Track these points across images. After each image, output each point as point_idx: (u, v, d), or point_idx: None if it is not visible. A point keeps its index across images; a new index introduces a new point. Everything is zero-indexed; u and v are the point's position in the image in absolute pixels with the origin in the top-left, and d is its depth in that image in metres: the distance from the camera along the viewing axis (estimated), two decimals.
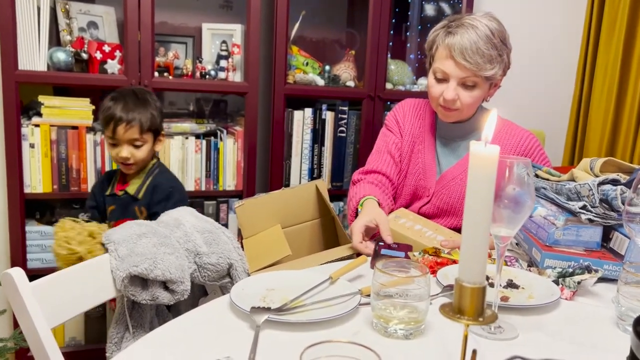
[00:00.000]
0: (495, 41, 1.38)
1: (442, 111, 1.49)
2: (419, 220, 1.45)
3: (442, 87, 1.44)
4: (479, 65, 1.37)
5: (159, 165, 1.75)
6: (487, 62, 1.38)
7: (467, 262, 0.56)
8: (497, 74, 1.42)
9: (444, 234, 1.39)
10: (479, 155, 0.55)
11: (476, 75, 1.39)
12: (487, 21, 1.39)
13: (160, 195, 1.68)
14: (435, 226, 1.43)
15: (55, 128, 1.97)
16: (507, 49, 1.44)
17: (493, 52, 1.38)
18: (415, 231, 1.39)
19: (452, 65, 1.40)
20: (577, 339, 0.91)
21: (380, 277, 0.87)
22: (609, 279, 1.13)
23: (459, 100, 1.43)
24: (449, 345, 0.86)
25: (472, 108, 1.48)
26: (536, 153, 1.52)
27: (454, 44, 1.38)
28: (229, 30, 2.25)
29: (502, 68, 1.44)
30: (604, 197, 1.14)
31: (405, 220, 1.44)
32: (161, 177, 1.72)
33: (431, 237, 1.37)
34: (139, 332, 1.26)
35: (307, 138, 2.32)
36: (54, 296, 1.02)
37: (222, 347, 0.83)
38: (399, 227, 1.39)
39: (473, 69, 1.38)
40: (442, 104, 1.46)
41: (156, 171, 1.72)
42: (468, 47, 1.36)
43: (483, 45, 1.36)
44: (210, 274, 1.24)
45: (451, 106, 1.45)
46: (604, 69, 2.55)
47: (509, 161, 0.85)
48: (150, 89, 2.00)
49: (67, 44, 2.01)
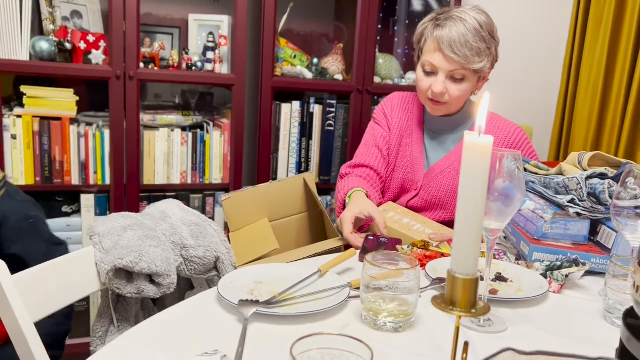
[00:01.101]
0: (483, 34, 1.38)
1: (430, 105, 1.49)
2: (407, 214, 1.45)
3: (430, 81, 1.43)
4: (467, 58, 1.37)
5: (5, 185, 1.30)
6: (475, 55, 1.38)
7: (460, 253, 0.56)
8: (486, 67, 1.42)
9: (432, 227, 1.39)
10: (473, 145, 0.54)
11: (464, 69, 1.39)
12: (475, 14, 1.39)
13: (12, 232, 1.24)
14: (423, 220, 1.43)
15: (37, 119, 1.93)
16: (495, 42, 1.44)
17: (481, 45, 1.38)
18: (403, 224, 1.38)
19: (441, 58, 1.39)
20: (565, 331, 0.91)
21: (370, 270, 0.87)
22: (597, 272, 1.13)
23: (447, 93, 1.43)
24: (438, 337, 0.86)
25: (460, 101, 1.48)
26: (524, 147, 1.52)
27: (442, 36, 1.37)
28: (216, 21, 2.22)
29: (491, 61, 1.44)
30: (591, 191, 1.14)
31: (394, 213, 1.43)
32: (9, 203, 1.28)
33: (420, 231, 1.36)
34: (124, 325, 1.24)
35: (294, 131, 2.30)
36: (36, 289, 1.00)
37: (209, 341, 0.81)
38: (387, 221, 1.38)
39: (462, 62, 1.37)
40: (430, 97, 1.45)
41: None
42: (457, 40, 1.36)
43: (472, 38, 1.36)
44: (196, 267, 1.23)
45: (440, 99, 1.44)
46: (589, 65, 2.57)
47: (499, 154, 0.84)
48: (135, 80, 1.97)
49: (50, 34, 1.97)
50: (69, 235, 2.04)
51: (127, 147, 2.02)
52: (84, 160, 2.00)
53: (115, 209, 2.03)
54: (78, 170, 2.00)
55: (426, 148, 1.58)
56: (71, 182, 1.99)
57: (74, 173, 2.00)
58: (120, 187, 2.03)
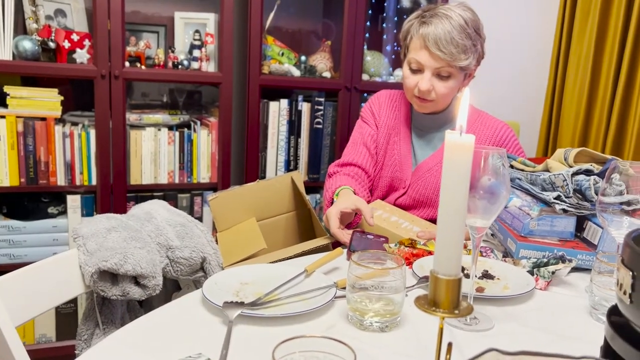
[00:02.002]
0: (469, 31, 1.38)
1: (417, 102, 1.49)
2: (395, 212, 1.44)
3: (416, 78, 1.43)
4: (453, 55, 1.37)
5: None
6: (461, 52, 1.37)
7: (442, 253, 0.55)
8: (472, 64, 1.42)
9: (420, 225, 1.39)
10: (455, 145, 0.54)
11: (450, 66, 1.39)
12: (461, 11, 1.39)
13: None
14: (411, 217, 1.43)
15: (22, 119, 1.90)
16: (481, 39, 1.44)
17: (467, 42, 1.38)
18: (391, 222, 1.38)
19: (427, 56, 1.39)
20: (552, 328, 0.91)
21: (356, 270, 0.86)
22: (583, 269, 1.14)
23: (433, 90, 1.43)
24: (424, 337, 0.86)
25: (447, 98, 1.48)
26: (511, 144, 1.52)
27: (428, 34, 1.37)
28: (202, 19, 2.20)
29: (476, 58, 1.44)
30: (577, 187, 1.15)
31: (382, 212, 1.43)
32: None
33: (407, 229, 1.36)
34: (109, 328, 1.23)
35: (283, 129, 2.29)
36: (19, 293, 0.98)
37: (194, 343, 0.81)
38: (375, 219, 1.38)
39: (447, 59, 1.37)
40: (417, 94, 1.45)
41: None
42: (442, 37, 1.35)
43: (457, 35, 1.36)
44: (183, 268, 1.21)
45: (426, 97, 1.44)
46: (576, 61, 2.58)
47: (484, 152, 0.84)
48: (121, 79, 1.95)
49: (33, 33, 1.94)
50: (56, 236, 2.02)
51: (113, 147, 2.00)
52: (69, 160, 1.98)
53: (102, 210, 2.01)
54: (64, 170, 1.98)
55: (414, 146, 1.58)
56: (57, 182, 1.97)
57: (60, 174, 1.97)
58: (106, 188, 2.01)
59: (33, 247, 1.99)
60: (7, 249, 1.96)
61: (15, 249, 1.97)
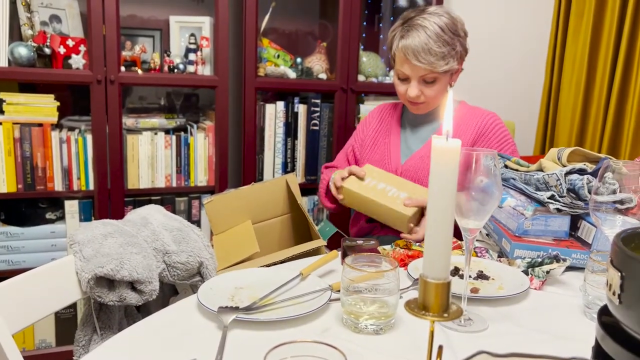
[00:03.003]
0: (445, 37, 1.46)
1: (410, 106, 1.59)
2: (383, 178, 1.49)
3: (405, 86, 1.54)
4: (432, 64, 1.45)
5: None
6: (440, 59, 1.46)
7: (431, 257, 0.56)
8: (453, 66, 1.50)
9: (407, 189, 1.44)
10: (441, 149, 0.54)
11: (433, 72, 1.48)
12: (437, 19, 1.46)
13: None
14: (399, 182, 1.47)
15: (18, 125, 1.91)
16: (460, 37, 1.51)
17: (445, 49, 1.46)
18: (378, 191, 1.43)
19: (409, 68, 1.49)
20: (546, 328, 0.91)
21: (349, 273, 0.86)
22: (578, 268, 1.14)
23: (422, 95, 1.53)
24: (418, 339, 0.86)
25: (438, 99, 1.56)
26: (497, 131, 1.57)
27: (407, 47, 1.46)
28: (198, 22, 2.21)
29: (457, 58, 1.51)
30: (571, 186, 1.15)
31: (370, 179, 1.48)
32: None
33: (394, 197, 1.42)
34: (107, 333, 1.23)
35: (279, 132, 2.29)
36: (16, 300, 0.99)
37: (189, 349, 0.81)
38: (362, 188, 1.44)
39: (428, 68, 1.46)
40: (408, 100, 1.55)
41: None
42: (420, 49, 1.44)
43: (434, 45, 1.44)
44: (180, 273, 1.22)
45: (417, 101, 1.55)
46: (572, 59, 2.58)
47: (476, 153, 0.84)
48: (117, 84, 1.96)
49: (28, 39, 1.95)
50: (54, 242, 2.02)
51: (110, 151, 2.00)
52: (66, 166, 1.99)
53: (100, 215, 2.02)
54: (61, 176, 1.98)
55: (405, 140, 1.65)
56: (54, 188, 1.98)
57: (57, 179, 1.98)
58: (104, 192, 2.02)
59: (31, 253, 1.99)
60: (5, 255, 1.96)
61: (13, 255, 1.97)
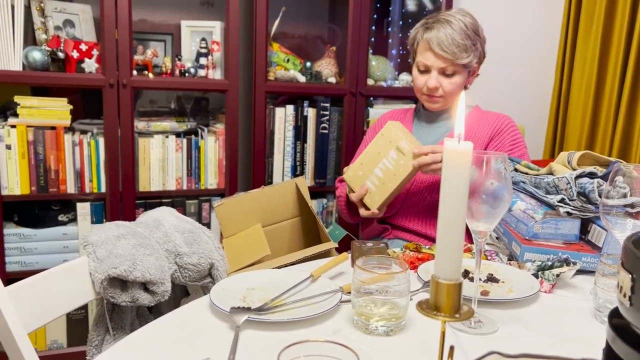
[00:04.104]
0: (468, 32, 1.52)
1: (426, 99, 1.61)
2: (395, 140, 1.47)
3: (425, 78, 1.57)
4: (455, 54, 1.50)
5: None
6: (462, 51, 1.51)
7: (443, 258, 0.56)
8: (473, 62, 1.55)
9: (392, 142, 1.45)
10: (453, 152, 0.55)
11: (454, 64, 1.53)
12: (461, 17, 1.53)
13: None
14: (383, 144, 1.47)
15: (32, 129, 1.93)
16: (481, 39, 1.57)
17: (467, 42, 1.51)
18: (379, 176, 1.45)
19: (432, 57, 1.53)
20: (556, 331, 0.91)
21: (360, 275, 0.87)
22: (588, 271, 1.14)
23: (441, 87, 1.56)
24: (429, 340, 0.87)
25: (454, 95, 1.59)
26: (510, 131, 1.60)
27: (431, 37, 1.52)
28: (209, 27, 2.23)
29: (477, 56, 1.56)
30: (581, 190, 1.15)
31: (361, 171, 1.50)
32: None
33: (390, 168, 1.45)
34: (119, 334, 1.24)
35: (289, 135, 2.31)
36: (31, 300, 1.00)
37: (201, 349, 0.82)
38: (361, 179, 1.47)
39: (450, 58, 1.51)
40: (425, 92, 1.58)
41: None
42: (444, 39, 1.50)
43: (458, 37, 1.50)
44: (191, 274, 1.23)
45: (434, 94, 1.58)
46: (582, 63, 2.58)
47: (486, 156, 0.85)
48: (129, 88, 1.98)
49: (42, 43, 1.98)
50: (66, 243, 2.04)
51: (121, 154, 2.02)
52: (79, 168, 2.01)
53: (111, 217, 2.04)
54: (73, 178, 2.01)
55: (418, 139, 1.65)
56: (67, 190, 2.00)
57: (70, 181, 2.00)
58: (115, 195, 2.04)
59: (44, 255, 2.02)
60: (18, 257, 1.99)
61: (26, 256, 2.00)
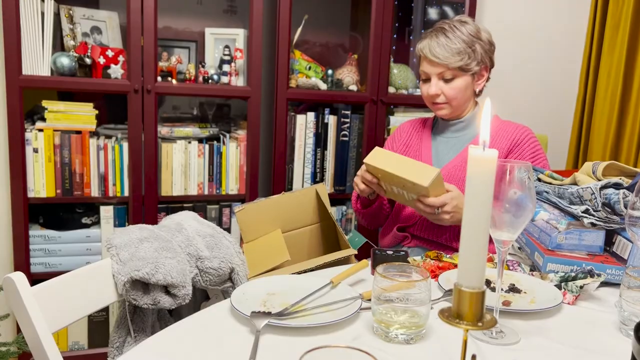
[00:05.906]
0: (463, 37, 1.52)
1: (433, 107, 1.63)
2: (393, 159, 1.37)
3: (427, 86, 1.60)
4: (447, 58, 1.51)
5: None
6: (455, 54, 1.51)
7: (466, 266, 0.56)
8: (472, 65, 1.54)
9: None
10: (478, 159, 0.55)
11: (449, 68, 1.53)
12: (456, 22, 1.55)
13: None
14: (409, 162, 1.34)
15: (58, 133, 1.98)
16: (481, 42, 1.55)
17: (461, 46, 1.52)
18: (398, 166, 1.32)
19: (427, 64, 1.56)
20: (579, 343, 0.90)
21: (381, 282, 0.87)
22: (612, 283, 1.12)
23: (443, 94, 1.57)
24: (449, 349, 0.86)
25: (459, 99, 1.58)
26: (529, 143, 1.57)
27: (424, 46, 1.56)
28: (232, 34, 2.26)
29: (477, 59, 1.54)
30: (606, 201, 1.13)
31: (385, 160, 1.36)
32: None
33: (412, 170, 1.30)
34: (140, 336, 1.26)
35: (309, 142, 2.32)
36: (55, 300, 1.02)
37: (222, 352, 0.83)
38: (382, 164, 1.35)
39: (443, 63, 1.52)
40: (429, 100, 1.61)
41: None
42: (435, 45, 1.53)
43: (449, 42, 1.52)
44: (211, 278, 1.24)
45: (437, 101, 1.59)
46: (607, 72, 2.54)
47: (510, 165, 0.84)
48: (153, 94, 2.01)
49: (70, 49, 2.02)
50: (89, 246, 2.08)
51: (145, 159, 2.05)
52: (103, 172, 2.04)
53: (134, 220, 2.06)
54: (97, 182, 2.04)
55: (436, 152, 1.66)
56: (91, 194, 2.04)
57: (94, 185, 2.04)
58: (138, 199, 2.07)
59: (67, 257, 2.05)
60: (42, 258, 2.02)
61: (50, 258, 2.03)
